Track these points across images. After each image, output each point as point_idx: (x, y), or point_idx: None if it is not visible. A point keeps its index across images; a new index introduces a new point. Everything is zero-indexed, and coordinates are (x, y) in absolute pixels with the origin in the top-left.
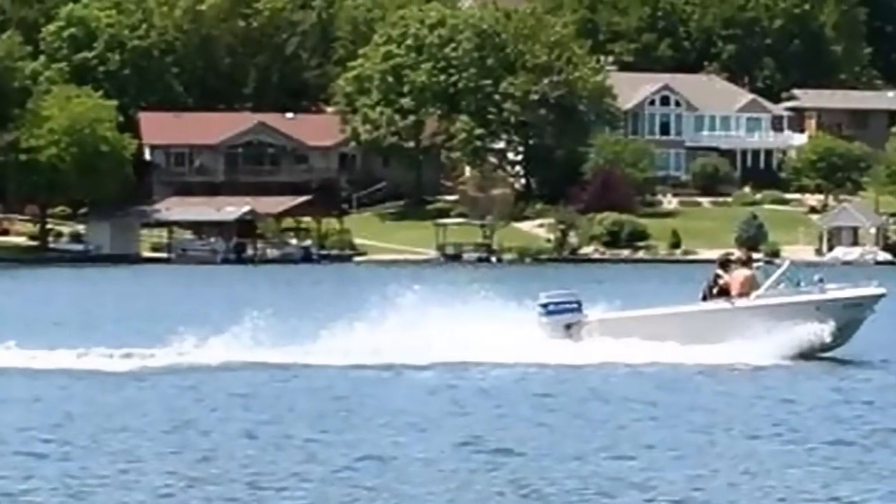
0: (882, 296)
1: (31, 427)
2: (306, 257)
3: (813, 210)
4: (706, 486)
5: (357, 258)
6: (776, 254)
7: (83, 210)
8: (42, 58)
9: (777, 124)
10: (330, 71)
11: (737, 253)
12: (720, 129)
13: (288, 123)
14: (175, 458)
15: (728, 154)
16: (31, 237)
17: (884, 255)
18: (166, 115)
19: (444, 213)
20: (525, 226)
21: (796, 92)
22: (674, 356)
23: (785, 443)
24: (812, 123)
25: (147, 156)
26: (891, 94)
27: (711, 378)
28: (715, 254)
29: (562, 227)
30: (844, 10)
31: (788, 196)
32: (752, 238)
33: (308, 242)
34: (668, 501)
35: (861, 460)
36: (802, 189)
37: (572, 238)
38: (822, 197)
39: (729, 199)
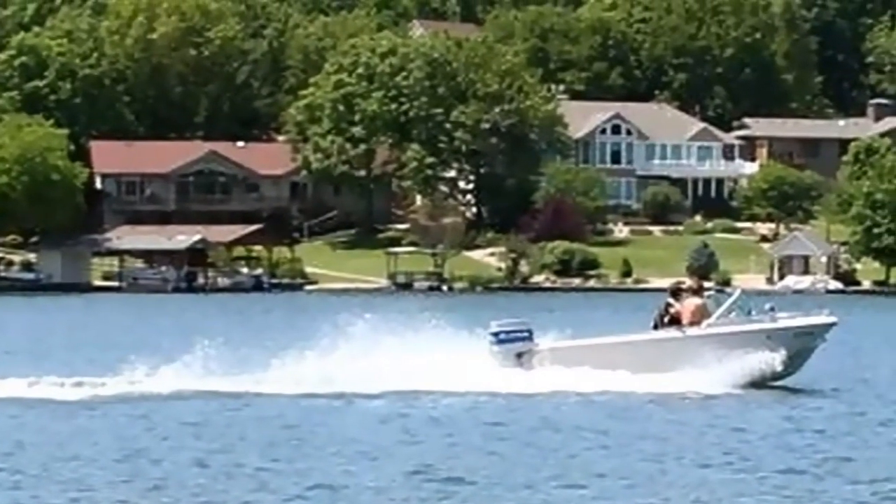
0: (833, 325)
1: None
2: (257, 286)
3: (764, 239)
4: None
5: (308, 287)
6: (727, 282)
7: (34, 239)
8: None
9: (728, 153)
10: (281, 100)
11: (688, 282)
12: (671, 157)
13: (239, 152)
14: (126, 486)
15: (679, 183)
16: None
17: (835, 284)
18: (117, 143)
19: (396, 241)
20: (476, 254)
21: (747, 121)
22: (625, 385)
23: (736, 471)
24: (763, 152)
25: (98, 184)
26: (842, 122)
27: (662, 407)
28: (666, 282)
29: (513, 255)
30: (795, 39)
31: (739, 225)
32: (704, 267)
33: (259, 271)
34: None
35: (812, 489)
36: (753, 218)
37: (523, 267)
38: (773, 226)
39: (680, 228)
